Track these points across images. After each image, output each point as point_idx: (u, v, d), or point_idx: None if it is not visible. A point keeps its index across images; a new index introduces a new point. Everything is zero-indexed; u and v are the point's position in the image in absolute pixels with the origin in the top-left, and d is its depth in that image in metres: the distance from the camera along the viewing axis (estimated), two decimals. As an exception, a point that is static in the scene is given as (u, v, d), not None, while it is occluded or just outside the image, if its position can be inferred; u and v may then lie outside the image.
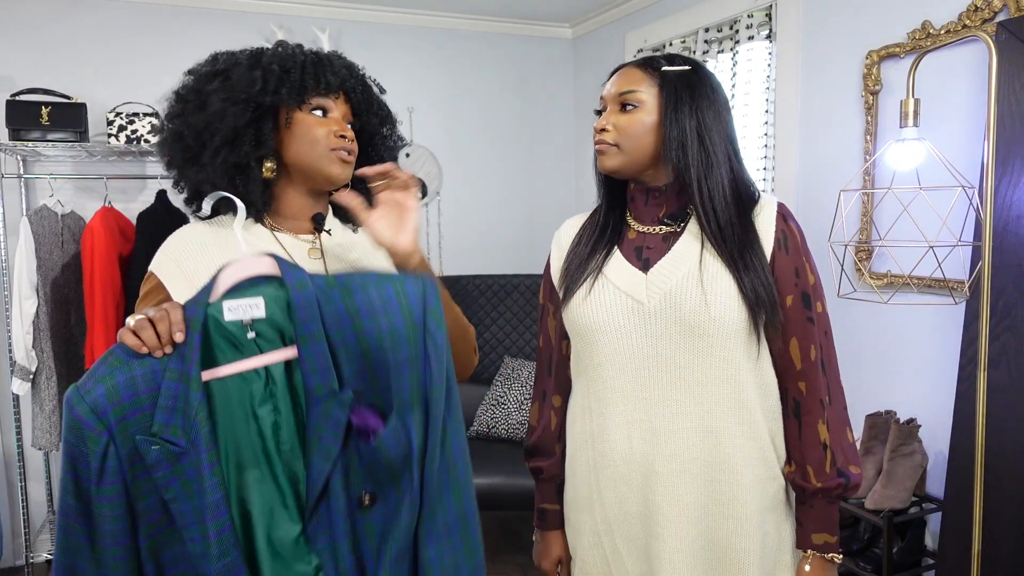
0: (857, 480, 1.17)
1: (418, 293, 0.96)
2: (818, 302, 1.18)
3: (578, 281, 1.23)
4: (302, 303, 0.93)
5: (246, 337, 0.95)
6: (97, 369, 0.91)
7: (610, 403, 1.19)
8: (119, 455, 0.89)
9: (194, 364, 0.91)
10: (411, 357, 0.95)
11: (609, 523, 1.21)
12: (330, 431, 0.93)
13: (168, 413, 0.91)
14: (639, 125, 1.17)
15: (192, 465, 0.91)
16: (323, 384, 0.93)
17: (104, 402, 0.89)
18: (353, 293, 0.94)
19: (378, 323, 0.94)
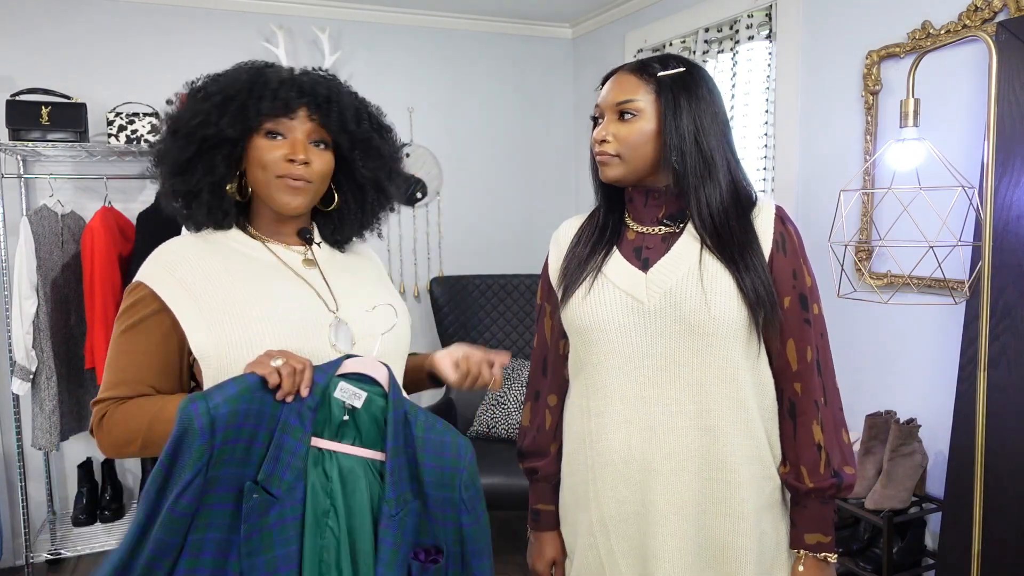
0: (851, 480, 1.18)
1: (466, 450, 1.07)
2: (815, 304, 1.19)
3: (577, 281, 1.23)
4: (396, 419, 1.02)
5: (342, 419, 1.03)
6: (227, 388, 0.95)
7: (608, 402, 1.19)
8: (206, 476, 0.93)
9: (310, 425, 0.99)
10: (451, 500, 1.05)
11: (605, 523, 1.21)
12: (406, 542, 1.01)
13: (273, 463, 0.96)
14: (639, 134, 1.17)
15: (279, 516, 0.96)
16: (400, 495, 1.01)
17: (223, 422, 0.93)
18: (424, 428, 1.05)
19: (431, 459, 1.04)
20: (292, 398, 0.98)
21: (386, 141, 1.23)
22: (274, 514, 0.95)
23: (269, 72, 1.14)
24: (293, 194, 1.13)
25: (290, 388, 0.97)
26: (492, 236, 3.73)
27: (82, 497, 3.00)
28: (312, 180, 1.14)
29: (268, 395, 0.97)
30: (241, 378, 0.96)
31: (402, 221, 3.54)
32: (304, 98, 1.13)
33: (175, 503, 0.92)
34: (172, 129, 1.14)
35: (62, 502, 3.11)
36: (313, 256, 1.21)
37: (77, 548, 2.90)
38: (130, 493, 3.20)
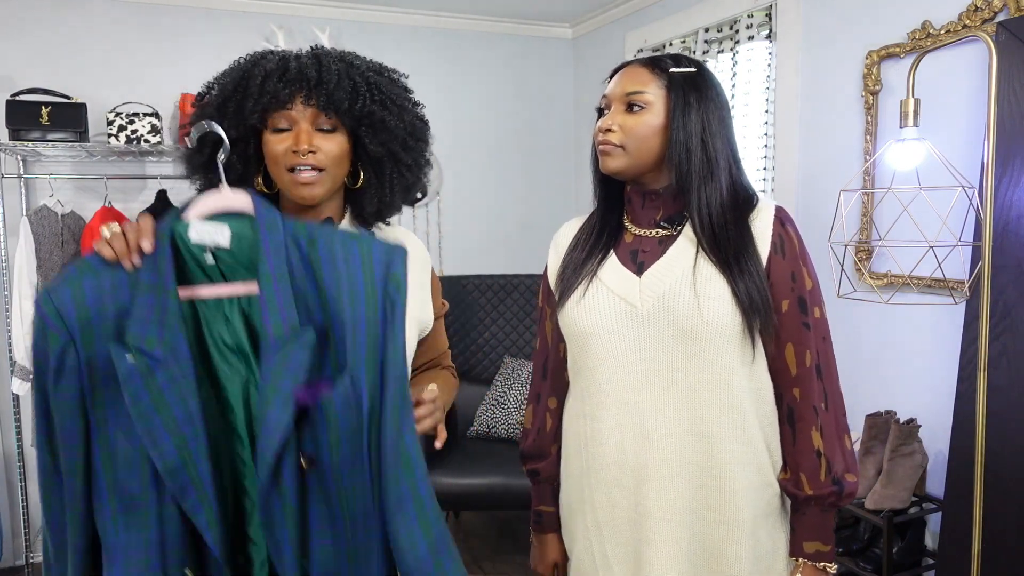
0: (852, 489, 1.15)
1: (382, 258, 0.95)
2: (816, 307, 1.16)
3: (573, 284, 1.22)
4: (270, 243, 0.93)
5: (206, 262, 0.95)
6: (67, 273, 0.92)
7: (603, 407, 1.18)
8: (79, 358, 0.89)
9: (169, 276, 0.91)
10: (368, 317, 0.93)
11: (600, 527, 1.20)
12: (290, 377, 0.90)
13: (143, 324, 0.90)
14: (646, 127, 1.15)
15: (167, 376, 0.89)
16: (283, 323, 0.90)
17: (69, 304, 0.89)
18: (317, 243, 0.95)
19: (338, 276, 0.93)
20: (138, 258, 0.91)
21: (392, 111, 1.18)
22: (161, 375, 0.89)
23: (256, 67, 1.13)
24: (307, 187, 1.12)
25: (123, 249, 0.91)
26: (492, 236, 3.73)
27: (82, 497, 3.00)
28: (324, 167, 1.12)
29: (117, 267, 0.92)
30: (81, 260, 0.93)
31: (402, 221, 3.54)
32: (293, 86, 1.11)
33: (56, 389, 0.90)
34: (186, 134, 1.17)
35: (62, 502, 3.10)
36: None
37: (77, 548, 2.90)
38: (130, 493, 3.20)
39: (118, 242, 0.92)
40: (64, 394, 0.91)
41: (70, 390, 0.91)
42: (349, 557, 0.96)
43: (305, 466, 0.93)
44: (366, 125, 1.16)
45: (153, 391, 0.89)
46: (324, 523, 0.95)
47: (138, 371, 0.89)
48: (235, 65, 1.16)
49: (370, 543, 0.97)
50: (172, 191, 3.00)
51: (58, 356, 0.89)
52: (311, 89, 1.11)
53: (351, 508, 0.95)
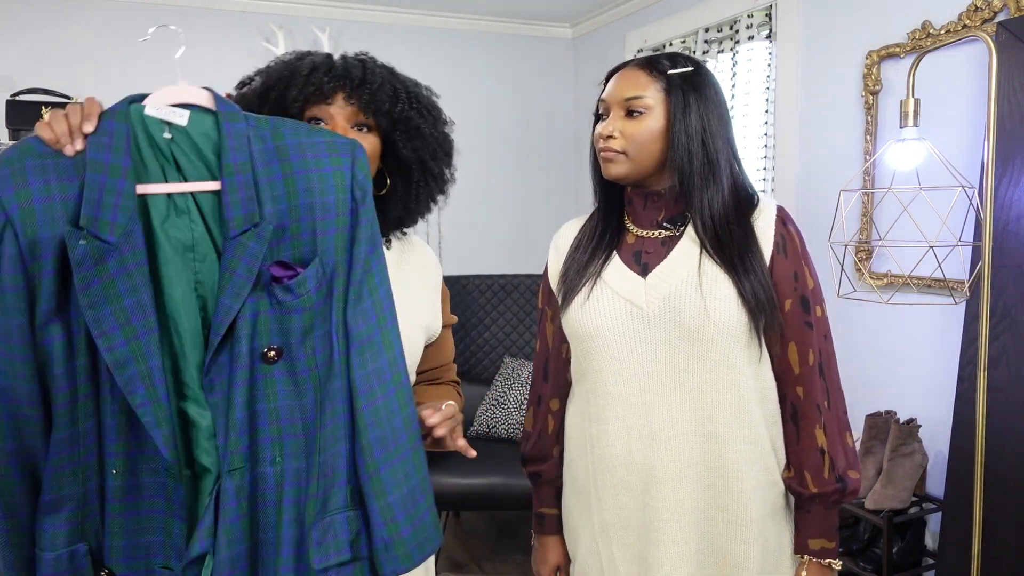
0: (855, 486, 1.16)
1: (347, 148, 0.96)
2: (817, 306, 1.17)
3: (576, 287, 1.21)
4: (231, 132, 0.91)
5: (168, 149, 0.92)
6: (6, 154, 0.87)
7: (609, 408, 1.18)
8: (19, 243, 0.85)
9: (125, 157, 0.87)
10: (338, 204, 0.93)
11: (606, 529, 1.20)
12: (244, 266, 0.88)
13: (95, 207, 0.85)
14: (647, 132, 1.14)
15: (119, 263, 0.85)
16: (243, 215, 0.89)
17: (7, 183, 0.85)
18: (284, 135, 0.94)
19: (306, 164, 0.93)
20: (81, 143, 0.87)
21: (427, 120, 1.21)
22: (112, 261, 0.85)
23: (304, 60, 1.15)
24: None
25: (64, 131, 0.87)
26: (492, 236, 3.73)
27: (82, 497, 2.99)
28: None
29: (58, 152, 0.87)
30: (23, 141, 0.88)
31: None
32: (338, 82, 1.13)
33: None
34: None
35: (62, 502, 3.11)
36: None
37: (77, 548, 2.89)
38: (130, 493, 3.20)
39: (59, 124, 0.87)
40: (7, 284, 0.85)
41: (13, 281, 0.85)
42: (317, 444, 0.94)
43: (274, 356, 0.91)
44: (401, 129, 1.18)
45: (104, 278, 0.85)
46: (295, 415, 0.93)
47: (90, 255, 0.84)
48: (280, 60, 1.18)
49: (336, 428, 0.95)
50: (172, 191, 3.00)
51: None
52: (354, 88, 1.13)
53: (321, 390, 0.94)
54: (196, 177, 0.93)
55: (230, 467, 0.90)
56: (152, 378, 0.86)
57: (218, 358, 0.90)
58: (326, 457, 0.94)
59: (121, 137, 0.88)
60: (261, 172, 0.92)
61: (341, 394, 0.95)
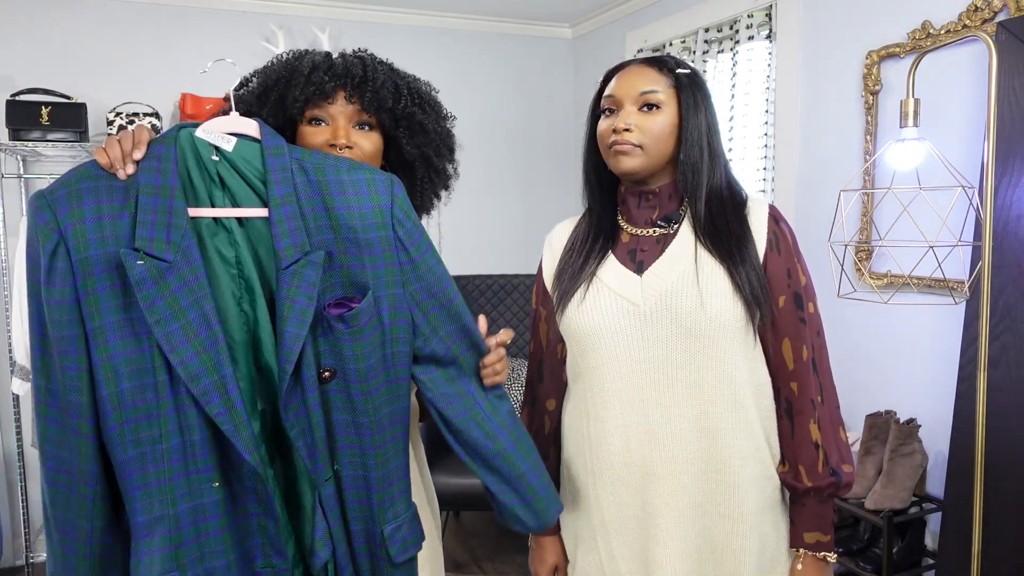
0: (849, 479, 1.17)
1: (386, 185, 1.00)
2: (810, 302, 1.18)
3: (573, 287, 1.22)
4: (276, 166, 0.95)
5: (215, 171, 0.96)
6: (65, 176, 0.92)
7: (607, 406, 1.19)
8: (71, 260, 0.88)
9: (174, 176, 0.91)
10: (381, 242, 0.98)
11: (606, 527, 1.20)
12: (304, 294, 0.93)
13: (150, 228, 0.89)
14: (661, 127, 1.16)
15: (180, 280, 0.89)
16: (294, 245, 0.93)
17: (63, 202, 0.89)
18: (326, 171, 0.97)
19: (347, 200, 0.97)
20: (132, 167, 0.91)
21: (430, 116, 1.21)
22: (173, 279, 0.88)
23: (303, 60, 1.15)
24: None
25: (119, 156, 0.91)
26: (492, 236, 3.72)
27: (82, 497, 3.00)
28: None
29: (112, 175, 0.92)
30: (80, 165, 0.93)
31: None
32: (339, 81, 1.12)
33: (48, 292, 0.88)
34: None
35: (62, 502, 3.10)
36: None
37: (77, 548, 2.90)
38: (130, 493, 3.20)
39: (113, 149, 0.91)
40: (57, 297, 0.88)
41: (64, 294, 0.88)
42: (376, 457, 1.01)
43: (328, 377, 0.97)
44: (404, 126, 1.17)
45: (167, 296, 0.88)
46: (349, 429, 1.00)
47: (149, 275, 0.87)
48: (278, 60, 1.17)
49: (396, 444, 1.03)
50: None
51: (49, 255, 0.88)
52: (355, 86, 1.13)
53: (376, 413, 1.00)
54: (242, 199, 0.98)
55: (324, 476, 0.99)
56: (226, 387, 0.90)
57: (292, 383, 0.95)
58: (388, 469, 1.03)
59: (169, 160, 0.92)
60: (305, 204, 0.96)
61: (401, 416, 1.04)
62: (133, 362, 0.90)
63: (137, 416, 0.90)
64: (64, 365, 0.89)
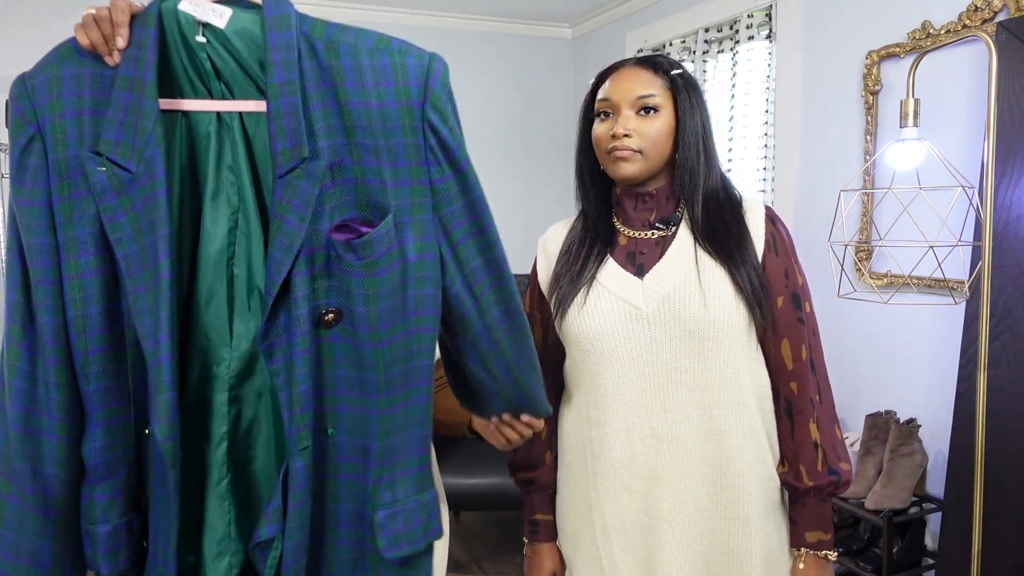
0: (848, 477, 1.17)
1: (420, 72, 0.79)
2: (807, 302, 1.18)
3: (572, 291, 1.20)
4: (279, 44, 0.75)
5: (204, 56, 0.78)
6: (47, 57, 0.78)
7: (609, 411, 1.18)
8: (47, 158, 0.76)
9: (150, 68, 0.75)
10: (408, 148, 0.78)
11: (608, 533, 1.19)
12: (295, 212, 0.75)
13: (117, 129, 0.75)
14: (659, 131, 1.15)
15: (142, 194, 0.74)
16: (290, 148, 0.75)
17: (42, 91, 0.76)
18: (341, 53, 0.78)
19: (366, 97, 0.77)
20: (118, 54, 0.77)
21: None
22: (136, 192, 0.74)
23: None
24: None
25: (101, 39, 0.77)
26: (492, 236, 3.73)
27: (82, 497, 2.99)
28: None
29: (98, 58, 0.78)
30: (62, 43, 0.80)
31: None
32: None
33: (17, 191, 0.75)
34: None
35: (62, 502, 3.10)
36: None
37: (77, 548, 2.89)
38: (130, 493, 3.20)
39: (95, 31, 0.78)
40: (26, 198, 0.76)
41: (35, 195, 0.75)
42: (382, 423, 0.82)
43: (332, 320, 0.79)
44: None
45: (129, 212, 0.74)
46: (352, 387, 0.81)
47: (111, 185, 0.74)
48: None
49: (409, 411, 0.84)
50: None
51: (21, 149, 0.76)
52: None
53: (389, 369, 0.81)
54: (240, 89, 0.79)
55: (299, 446, 0.78)
56: (158, 336, 0.74)
57: (275, 320, 0.77)
58: (394, 441, 0.83)
59: (147, 47, 0.75)
60: (313, 96, 0.76)
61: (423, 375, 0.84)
62: (104, 283, 0.77)
63: (103, 344, 0.77)
64: (39, 277, 0.76)
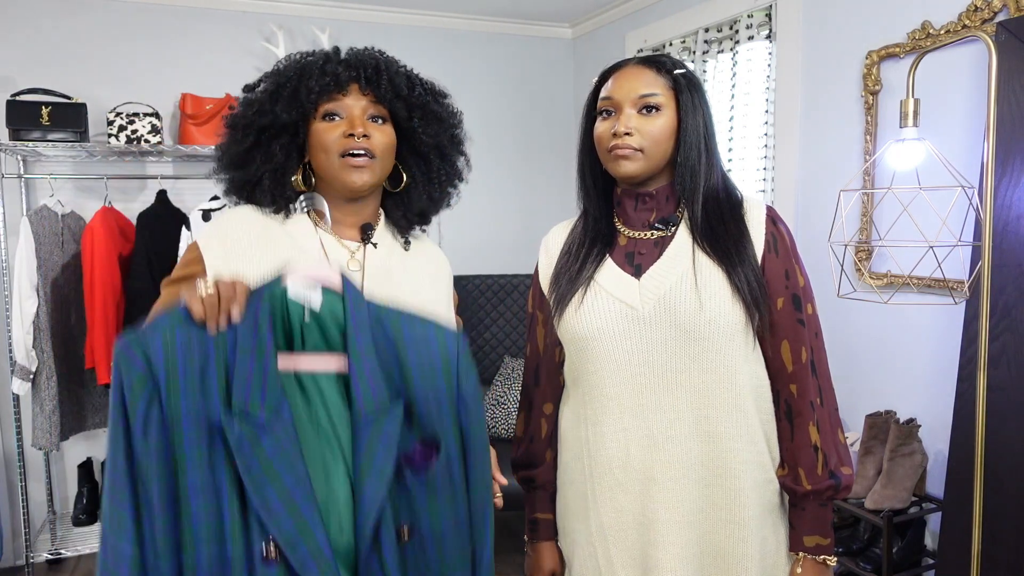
0: (848, 481, 1.16)
1: (453, 338, 1.00)
2: (808, 304, 1.18)
3: (570, 291, 1.21)
4: (357, 321, 0.94)
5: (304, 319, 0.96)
6: (158, 321, 0.89)
7: (605, 411, 1.18)
8: (163, 414, 0.86)
9: (269, 340, 0.90)
10: (448, 393, 0.98)
11: (604, 532, 1.19)
12: (383, 450, 0.91)
13: (246, 387, 0.88)
14: (662, 130, 1.15)
15: (274, 442, 0.87)
16: (373, 399, 0.93)
17: (159, 353, 0.87)
18: (399, 323, 0.98)
19: (419, 355, 0.97)
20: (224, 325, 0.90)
21: (442, 106, 1.23)
22: (267, 443, 0.87)
23: (316, 55, 1.16)
24: (358, 172, 1.12)
25: (214, 312, 0.90)
26: (492, 236, 3.72)
27: (82, 497, 3.00)
28: (376, 155, 1.13)
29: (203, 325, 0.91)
30: (172, 309, 0.90)
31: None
32: (352, 72, 1.13)
33: (145, 445, 0.85)
34: (230, 125, 1.16)
35: (62, 502, 3.11)
36: (363, 257, 1.19)
37: (77, 548, 2.90)
38: (130, 493, 3.20)
39: (210, 303, 0.90)
40: (154, 450, 0.86)
41: (160, 446, 0.86)
42: None
43: (405, 536, 0.94)
44: (419, 116, 1.18)
45: (262, 459, 0.87)
46: None
47: (247, 438, 0.86)
48: (287, 59, 1.18)
49: None
50: (172, 191, 2.99)
51: (146, 402, 0.86)
52: (368, 77, 1.13)
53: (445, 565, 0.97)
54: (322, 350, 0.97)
55: None
56: (322, 552, 0.88)
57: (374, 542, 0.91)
58: None
59: (264, 320, 0.91)
60: (383, 356, 0.96)
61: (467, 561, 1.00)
62: (212, 528, 0.87)
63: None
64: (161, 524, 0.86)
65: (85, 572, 2.95)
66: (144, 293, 2.76)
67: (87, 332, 2.76)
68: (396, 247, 1.24)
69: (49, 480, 3.03)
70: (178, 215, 2.90)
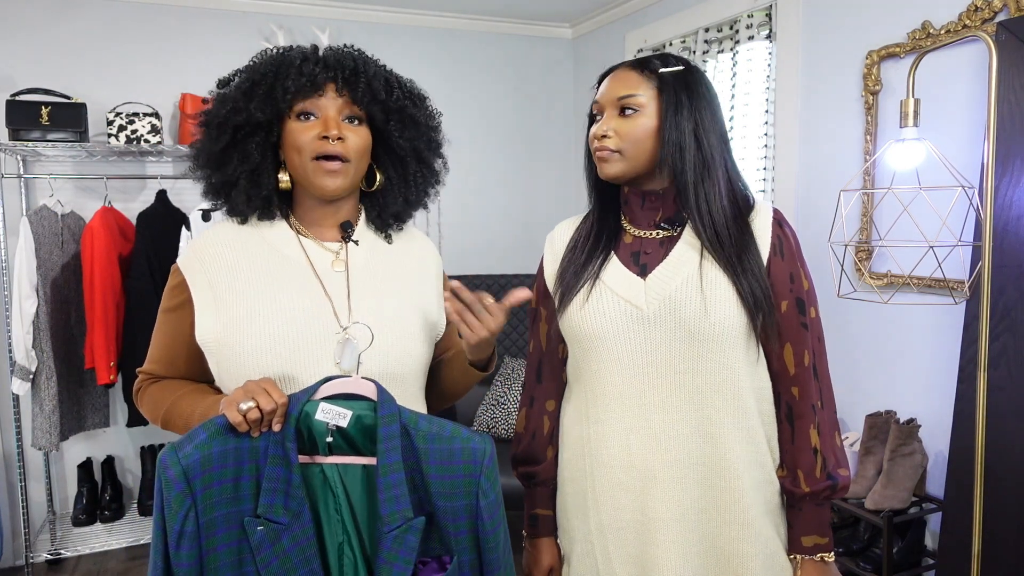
0: (845, 483, 1.17)
1: (480, 453, 1.02)
2: (812, 307, 1.18)
3: (575, 288, 1.21)
4: (388, 434, 0.99)
5: (325, 440, 1.01)
6: (197, 435, 0.96)
7: (608, 409, 1.18)
8: (198, 522, 0.94)
9: (294, 455, 0.98)
10: (467, 508, 1.02)
11: (603, 530, 1.19)
12: (403, 559, 0.97)
13: (271, 495, 0.96)
14: (640, 130, 1.15)
15: (292, 540, 0.96)
16: (398, 512, 0.97)
17: (197, 469, 0.94)
18: (428, 439, 1.01)
19: (441, 472, 1.01)
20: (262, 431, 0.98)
21: (421, 109, 1.20)
22: (287, 539, 0.96)
23: (292, 53, 1.13)
24: (331, 177, 1.11)
25: (257, 422, 0.96)
26: (492, 236, 3.72)
27: (82, 497, 3.00)
28: (349, 158, 1.11)
29: (242, 435, 0.97)
30: (211, 422, 0.96)
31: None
32: (330, 72, 1.11)
33: (177, 557, 0.93)
34: (204, 123, 1.14)
35: (62, 502, 3.11)
36: (346, 256, 1.18)
37: (77, 548, 2.90)
38: (130, 493, 3.20)
39: (253, 416, 0.95)
40: (186, 561, 0.94)
41: (192, 556, 0.94)
42: None
43: None
44: (396, 119, 1.16)
45: (280, 555, 0.96)
46: None
47: (268, 538, 0.95)
48: (264, 54, 1.16)
49: None
50: (172, 191, 3.00)
51: (180, 520, 0.93)
52: (346, 78, 1.11)
53: None
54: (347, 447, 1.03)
55: None
56: None
57: None
58: None
59: (290, 437, 0.98)
60: (410, 467, 1.01)
61: None
62: None
63: None
64: None
65: (85, 572, 2.95)
66: (144, 293, 2.77)
67: (87, 332, 2.76)
68: (378, 242, 1.23)
69: (49, 480, 3.03)
70: (178, 215, 2.90)
